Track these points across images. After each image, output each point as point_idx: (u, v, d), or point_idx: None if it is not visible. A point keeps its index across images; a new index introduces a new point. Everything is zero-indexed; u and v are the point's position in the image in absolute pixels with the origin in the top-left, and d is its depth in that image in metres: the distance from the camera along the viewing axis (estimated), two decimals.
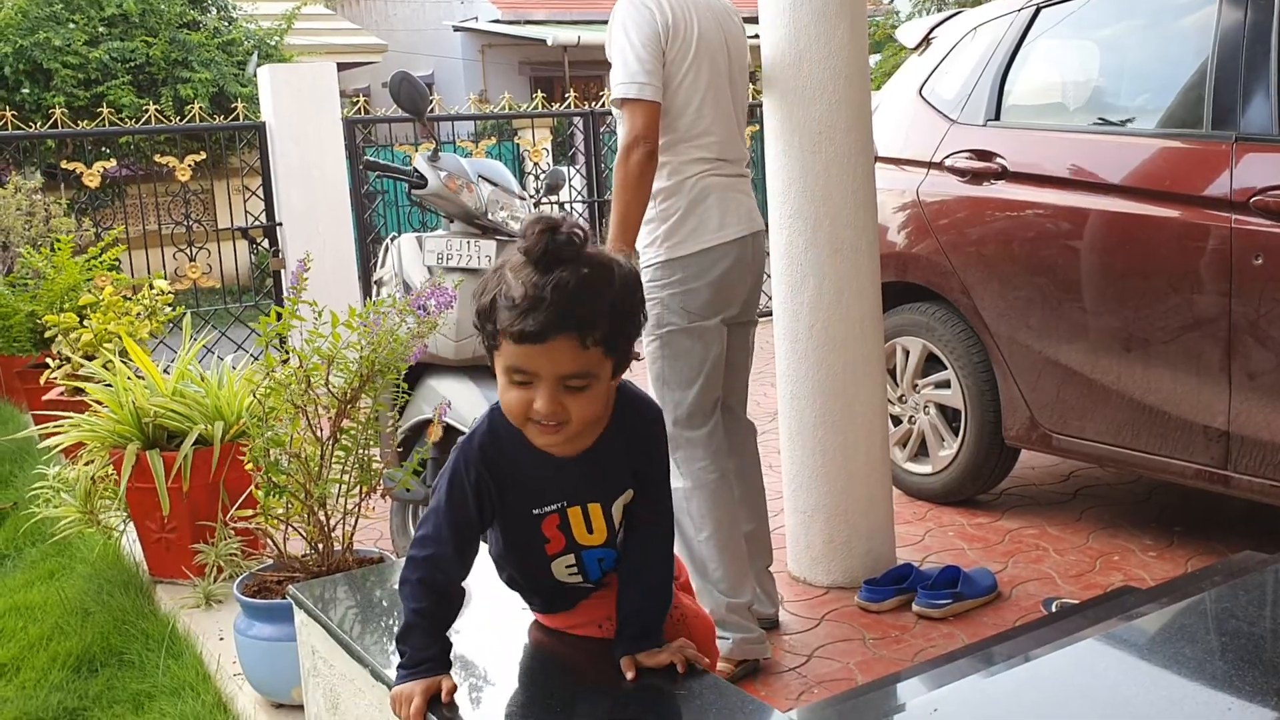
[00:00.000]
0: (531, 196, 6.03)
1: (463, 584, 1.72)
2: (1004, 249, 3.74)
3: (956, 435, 4.00)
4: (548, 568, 1.76)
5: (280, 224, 7.52)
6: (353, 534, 2.89)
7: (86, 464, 3.69)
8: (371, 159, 4.94)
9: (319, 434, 2.89)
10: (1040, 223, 3.64)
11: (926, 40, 4.37)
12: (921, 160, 4.07)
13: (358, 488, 2.90)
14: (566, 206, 8.48)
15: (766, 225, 3.20)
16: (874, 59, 15.48)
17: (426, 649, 1.67)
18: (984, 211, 3.83)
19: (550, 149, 10.06)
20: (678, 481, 2.91)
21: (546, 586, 1.81)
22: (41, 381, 4.93)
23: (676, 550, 2.79)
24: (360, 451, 2.88)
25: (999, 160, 3.79)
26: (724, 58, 2.97)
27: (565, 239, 1.51)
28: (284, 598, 2.69)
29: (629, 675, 1.67)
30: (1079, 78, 3.99)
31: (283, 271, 7.53)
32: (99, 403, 3.67)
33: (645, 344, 2.94)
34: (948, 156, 3.97)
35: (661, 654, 1.70)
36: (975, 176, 3.87)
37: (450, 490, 1.68)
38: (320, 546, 2.82)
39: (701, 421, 2.96)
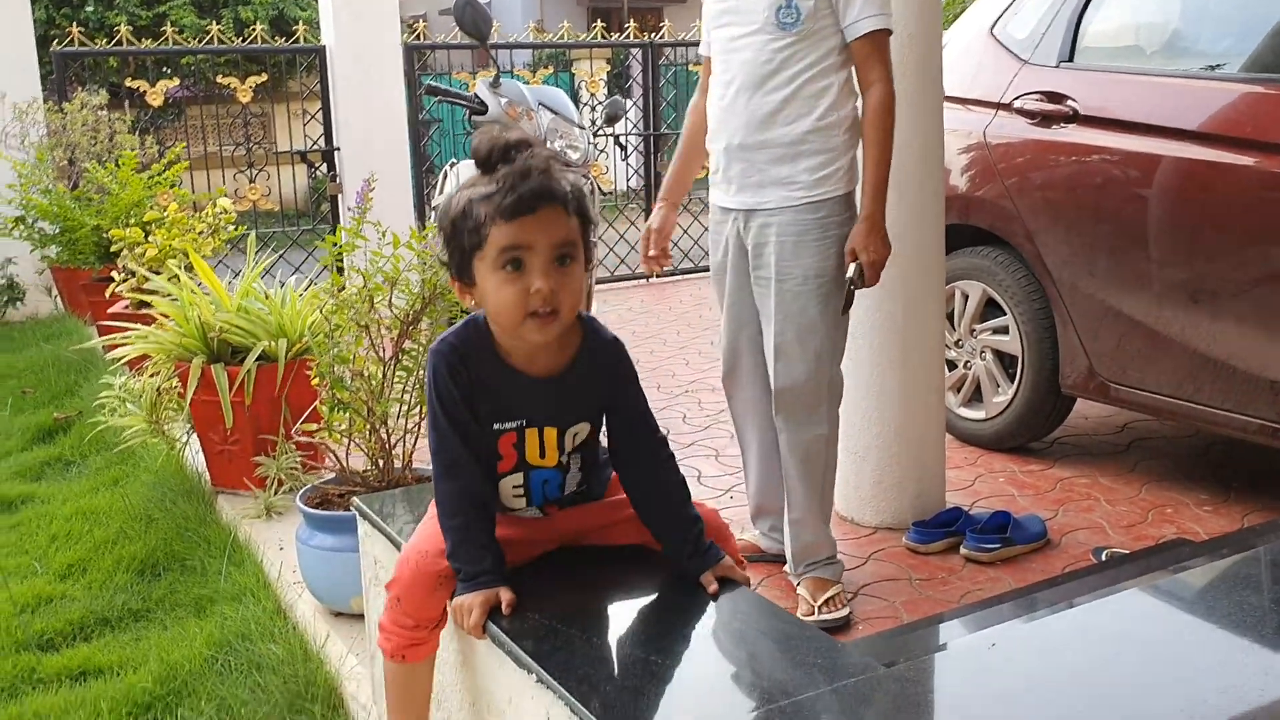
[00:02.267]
0: (589, 127, 6.02)
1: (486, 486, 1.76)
2: (1071, 195, 3.69)
3: (1012, 382, 3.98)
4: (496, 489, 1.79)
5: (338, 149, 7.56)
6: (412, 452, 2.95)
7: (151, 376, 3.77)
8: (433, 84, 4.94)
9: (381, 354, 2.94)
10: (1110, 169, 3.59)
11: None
12: (990, 101, 4.01)
13: (418, 408, 2.94)
14: (623, 140, 8.45)
15: None
16: None
17: (480, 561, 1.71)
18: (1052, 155, 3.77)
19: (606, 81, 9.99)
20: (821, 428, 2.89)
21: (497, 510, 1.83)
22: (107, 295, 5.02)
23: (806, 489, 2.85)
24: (421, 372, 2.93)
25: (1070, 103, 3.73)
26: None
27: (511, 138, 1.63)
28: (345, 510, 2.75)
29: (712, 589, 1.72)
30: (1158, 19, 3.90)
31: (339, 196, 7.57)
32: (165, 316, 3.74)
33: (809, 286, 2.79)
34: (1017, 98, 3.90)
35: (736, 569, 1.77)
36: (1045, 119, 3.81)
37: (439, 399, 1.71)
38: (381, 463, 2.88)
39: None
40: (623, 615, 1.75)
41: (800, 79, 2.70)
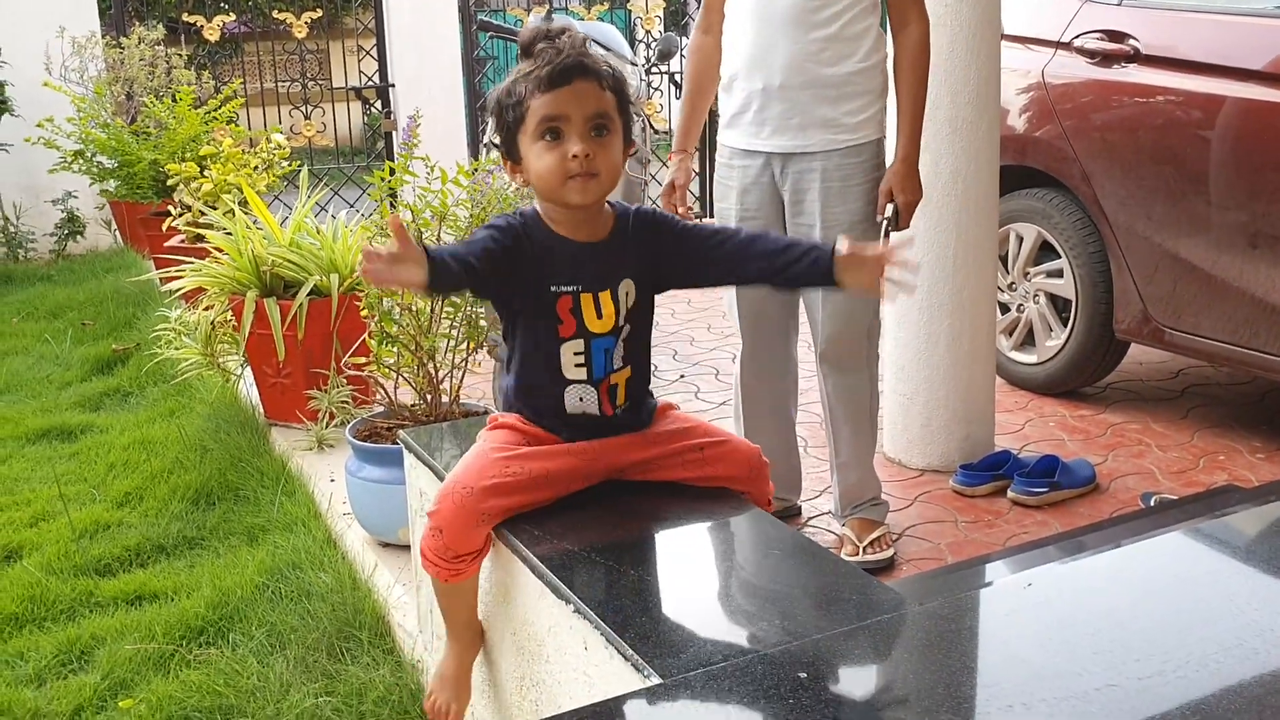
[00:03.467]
0: (643, 64, 5.97)
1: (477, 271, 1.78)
2: (1130, 136, 3.61)
3: (1065, 326, 3.93)
4: (558, 362, 1.83)
5: (393, 85, 7.57)
6: (459, 387, 2.98)
7: (206, 309, 3.83)
8: (485, 19, 4.93)
9: None
10: (1171, 110, 3.50)
11: None
12: (1049, 40, 3.92)
13: (465, 343, 2.97)
14: (677, 77, 8.36)
15: None
16: None
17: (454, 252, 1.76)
18: (1112, 96, 3.69)
19: (663, 17, 9.88)
20: (865, 371, 2.89)
21: (558, 400, 1.85)
22: (163, 228, 5.09)
23: (852, 432, 2.92)
24: (468, 309, 2.95)
25: (1132, 42, 3.64)
26: None
27: (553, 26, 1.77)
28: (394, 443, 2.79)
29: (844, 249, 1.79)
30: None
31: (394, 133, 7.59)
32: (220, 250, 3.79)
33: (855, 232, 2.70)
34: (1077, 37, 3.81)
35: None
36: (1105, 58, 3.72)
37: (505, 227, 1.80)
38: (429, 397, 2.92)
39: None
40: (661, 549, 1.77)
41: (842, 19, 2.65)
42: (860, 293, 1.91)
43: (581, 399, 1.85)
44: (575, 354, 1.83)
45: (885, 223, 2.73)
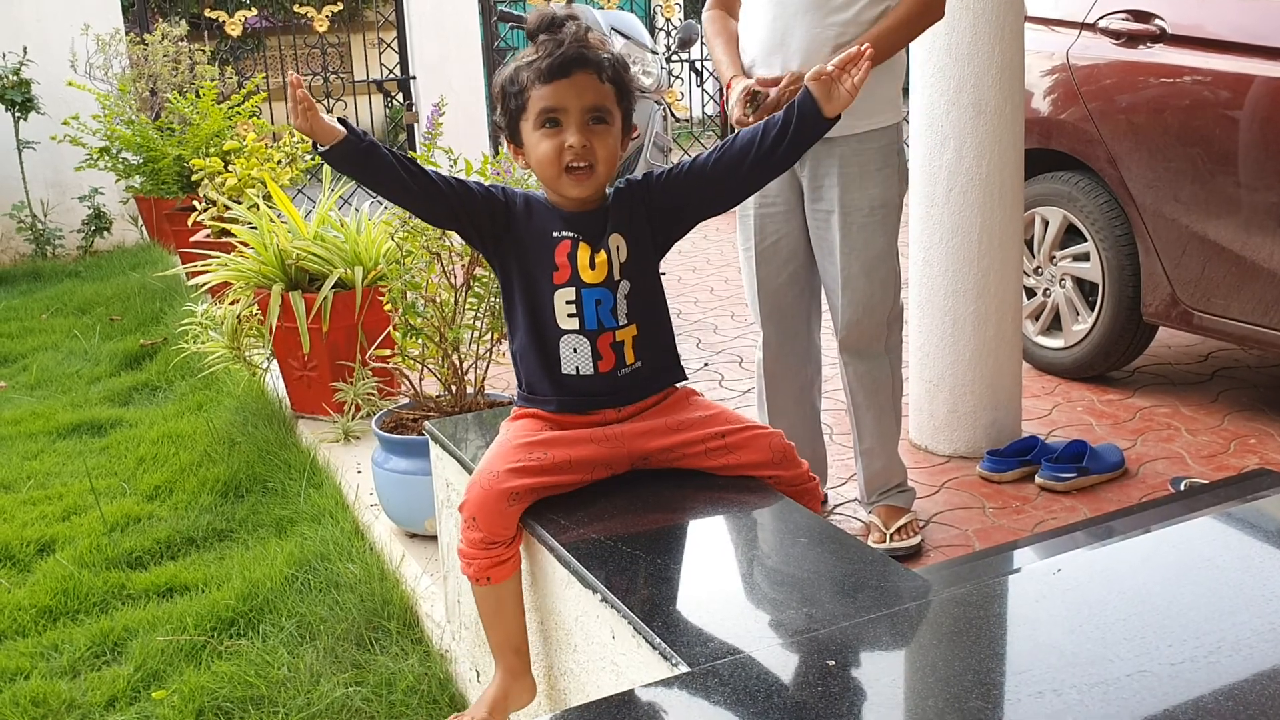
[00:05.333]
0: (663, 52, 5.95)
1: (399, 168, 1.86)
2: (1157, 117, 3.58)
3: (1092, 310, 3.90)
4: (552, 309, 1.85)
5: (414, 77, 7.58)
6: (484, 378, 2.99)
7: (232, 303, 3.85)
8: (505, 10, 4.92)
9: (453, 281, 2.96)
10: (1199, 90, 3.46)
11: None
12: (1073, 21, 3.89)
13: (489, 334, 2.97)
14: (698, 65, 8.34)
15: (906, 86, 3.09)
16: None
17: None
18: (1138, 77, 3.65)
19: (683, 4, 9.85)
20: (888, 356, 2.87)
21: (554, 356, 1.87)
22: (189, 223, 5.12)
23: (875, 417, 2.90)
24: (492, 300, 2.95)
25: (1158, 22, 3.60)
26: None
27: (558, 13, 1.81)
28: (419, 434, 2.80)
29: (810, 80, 1.89)
30: None
31: (416, 125, 7.61)
32: (245, 244, 3.81)
33: (875, 217, 2.74)
34: (1102, 17, 3.78)
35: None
36: (1131, 39, 3.68)
37: (489, 185, 1.91)
38: (453, 388, 2.92)
39: None
40: (687, 537, 1.77)
41: (859, 3, 2.62)
42: (846, 101, 1.90)
43: (575, 350, 1.86)
44: (567, 302, 1.85)
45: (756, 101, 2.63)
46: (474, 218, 1.89)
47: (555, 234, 1.85)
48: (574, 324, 1.86)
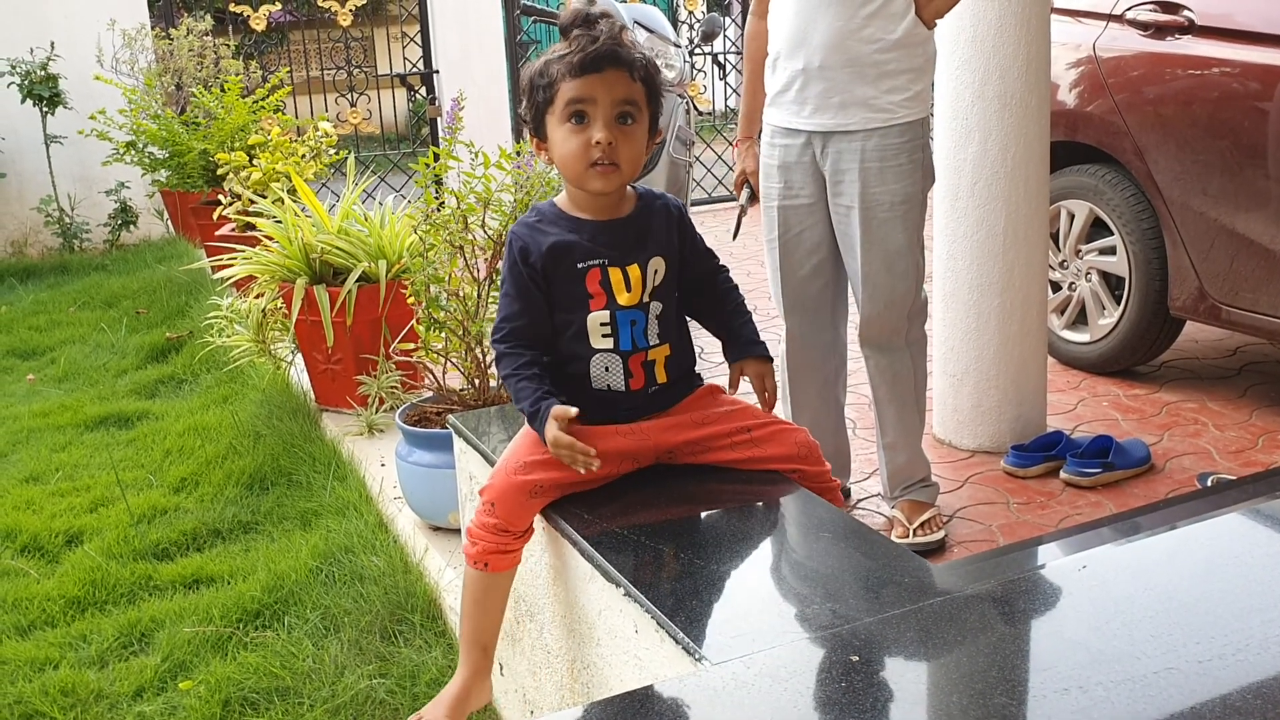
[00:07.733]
0: (686, 45, 5.94)
1: (544, 349, 1.87)
2: (1185, 109, 3.55)
3: (1118, 304, 3.87)
4: (586, 331, 1.85)
5: (437, 71, 7.59)
6: None
7: (257, 297, 3.87)
8: (528, 4, 4.92)
9: (476, 274, 2.97)
10: (1227, 82, 3.43)
11: None
12: (1100, 12, 3.86)
13: None
14: (721, 58, 8.33)
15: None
16: None
17: (538, 390, 1.80)
18: (1166, 68, 3.62)
19: None
20: (909, 350, 2.86)
21: (584, 372, 1.87)
22: (214, 217, 5.15)
23: (898, 412, 2.91)
24: None
25: (1186, 13, 3.57)
26: None
27: (593, 10, 1.80)
28: (443, 427, 2.81)
29: (732, 381, 1.99)
30: None
31: (439, 119, 7.62)
32: (269, 238, 3.82)
33: (896, 213, 2.72)
34: (1130, 8, 3.74)
35: (770, 371, 1.99)
36: (1159, 30, 3.65)
37: (510, 270, 1.87)
38: (477, 381, 2.93)
39: None
40: (711, 532, 1.77)
41: None
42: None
43: (608, 369, 1.86)
44: (601, 324, 1.85)
45: (740, 209, 2.93)
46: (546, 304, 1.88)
47: (580, 265, 1.83)
48: (608, 344, 1.86)
